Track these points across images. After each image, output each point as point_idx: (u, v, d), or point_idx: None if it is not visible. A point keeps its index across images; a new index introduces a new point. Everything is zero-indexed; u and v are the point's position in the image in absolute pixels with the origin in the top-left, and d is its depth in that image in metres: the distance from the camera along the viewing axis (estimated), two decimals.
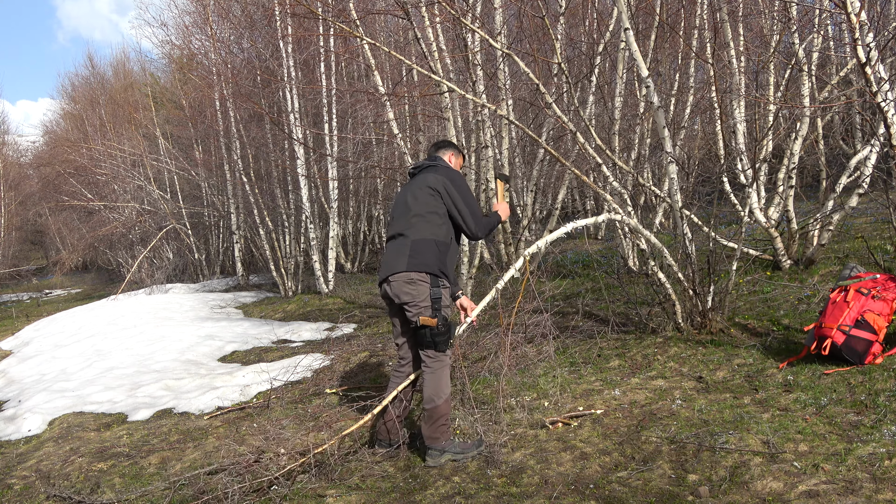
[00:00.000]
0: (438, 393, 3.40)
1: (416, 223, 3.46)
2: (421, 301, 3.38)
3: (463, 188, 3.53)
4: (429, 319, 3.34)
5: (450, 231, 3.52)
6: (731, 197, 6.34)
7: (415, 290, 3.38)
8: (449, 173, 3.56)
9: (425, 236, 3.44)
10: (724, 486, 2.77)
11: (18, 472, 4.03)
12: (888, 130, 3.89)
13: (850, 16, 3.68)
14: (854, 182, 5.60)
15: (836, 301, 3.89)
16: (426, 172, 3.60)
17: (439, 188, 3.48)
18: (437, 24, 7.68)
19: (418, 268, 3.38)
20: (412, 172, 3.73)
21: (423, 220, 3.46)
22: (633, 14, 6.62)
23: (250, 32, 13.20)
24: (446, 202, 3.49)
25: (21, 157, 30.71)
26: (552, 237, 4.24)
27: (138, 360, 6.99)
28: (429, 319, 3.34)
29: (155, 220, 17.58)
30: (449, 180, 3.51)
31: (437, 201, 3.48)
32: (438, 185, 3.49)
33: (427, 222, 3.46)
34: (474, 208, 3.55)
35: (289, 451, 3.47)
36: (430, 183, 3.50)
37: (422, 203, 3.48)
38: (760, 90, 7.73)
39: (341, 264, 13.49)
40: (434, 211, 3.47)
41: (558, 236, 4.26)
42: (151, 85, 22.21)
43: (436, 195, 3.48)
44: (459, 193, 3.51)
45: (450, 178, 3.53)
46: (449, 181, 3.51)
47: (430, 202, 3.48)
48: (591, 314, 5.94)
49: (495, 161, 8.74)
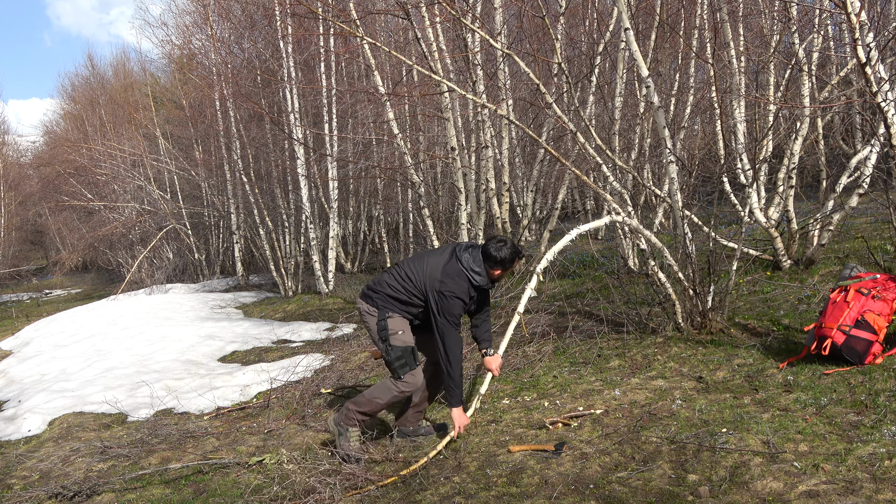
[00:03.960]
0: (373, 400, 3.56)
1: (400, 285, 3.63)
2: (373, 334, 3.61)
3: (447, 306, 3.49)
4: (377, 353, 3.58)
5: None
6: (731, 197, 6.34)
7: (368, 322, 3.64)
8: (447, 286, 3.50)
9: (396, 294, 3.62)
10: (724, 486, 2.77)
11: (18, 472, 4.03)
12: (888, 130, 3.89)
13: (850, 16, 3.68)
14: (854, 182, 5.60)
15: (837, 301, 3.89)
16: (446, 263, 3.57)
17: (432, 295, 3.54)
18: (437, 24, 7.68)
19: (368, 302, 3.65)
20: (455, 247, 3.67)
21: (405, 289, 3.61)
22: (633, 14, 6.62)
23: (250, 32, 13.20)
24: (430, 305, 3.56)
25: (21, 157, 30.72)
26: (558, 246, 4.19)
27: (138, 360, 6.99)
28: (377, 353, 3.58)
29: (155, 220, 17.58)
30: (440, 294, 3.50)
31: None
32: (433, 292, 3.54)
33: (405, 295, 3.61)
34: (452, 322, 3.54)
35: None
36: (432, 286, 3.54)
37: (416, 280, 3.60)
38: (760, 90, 7.73)
39: (341, 264, 13.48)
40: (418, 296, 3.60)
41: (565, 244, 4.23)
42: (151, 85, 22.20)
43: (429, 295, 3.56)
44: (442, 308, 3.50)
45: (442, 291, 3.49)
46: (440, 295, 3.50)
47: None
48: (591, 314, 5.94)
49: (495, 161, 8.75)
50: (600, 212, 11.34)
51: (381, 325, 3.55)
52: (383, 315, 3.56)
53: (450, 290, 3.47)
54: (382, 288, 3.62)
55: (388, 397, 3.54)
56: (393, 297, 3.59)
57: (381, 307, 3.59)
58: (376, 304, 3.61)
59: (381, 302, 3.60)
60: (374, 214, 14.16)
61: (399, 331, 3.54)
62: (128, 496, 3.44)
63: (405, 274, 3.60)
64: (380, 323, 3.56)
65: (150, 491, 3.48)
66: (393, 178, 11.94)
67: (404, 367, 3.47)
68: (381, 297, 3.61)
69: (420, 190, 8.49)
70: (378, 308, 3.59)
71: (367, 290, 3.69)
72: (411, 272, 3.59)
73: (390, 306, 3.58)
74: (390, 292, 3.59)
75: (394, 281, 3.61)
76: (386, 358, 3.53)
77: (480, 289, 3.57)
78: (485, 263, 3.54)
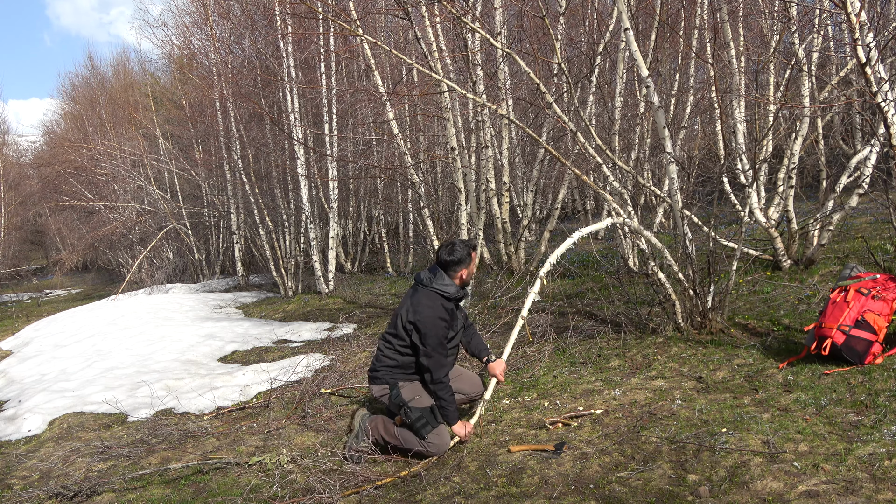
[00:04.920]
0: (401, 437, 3.55)
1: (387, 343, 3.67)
2: (392, 408, 3.62)
3: (429, 332, 3.49)
4: (399, 419, 3.58)
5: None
6: (731, 197, 6.34)
7: (384, 402, 3.66)
8: (420, 313, 3.51)
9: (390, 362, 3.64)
10: (724, 486, 2.77)
11: (18, 472, 4.03)
12: (888, 130, 3.89)
13: (850, 16, 3.68)
14: (854, 182, 5.60)
15: (836, 301, 3.89)
16: (412, 297, 3.62)
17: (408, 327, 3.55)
18: (437, 23, 7.68)
19: (377, 383, 3.66)
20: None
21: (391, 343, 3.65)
22: (633, 14, 6.62)
23: (250, 32, 13.20)
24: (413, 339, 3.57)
25: (21, 157, 30.72)
26: (561, 250, 4.18)
27: (138, 360, 6.99)
28: (399, 419, 3.58)
29: (155, 220, 17.58)
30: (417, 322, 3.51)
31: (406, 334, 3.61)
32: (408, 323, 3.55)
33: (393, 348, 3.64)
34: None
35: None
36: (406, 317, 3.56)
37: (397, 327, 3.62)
38: (760, 90, 7.73)
39: (341, 264, 13.49)
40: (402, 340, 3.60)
41: (567, 248, 4.23)
42: (151, 85, 22.21)
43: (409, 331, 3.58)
44: (424, 338, 3.50)
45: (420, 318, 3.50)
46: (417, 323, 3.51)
47: (401, 333, 3.60)
48: (591, 314, 5.95)
49: (495, 161, 8.75)
50: (600, 212, 11.35)
51: (396, 396, 3.55)
52: (395, 387, 3.58)
53: (425, 315, 3.47)
54: (382, 363, 3.64)
55: (413, 448, 3.51)
56: (396, 367, 3.61)
57: (389, 382, 3.60)
58: (384, 380, 3.62)
59: (387, 376, 3.61)
60: (374, 214, 14.16)
61: (415, 396, 3.54)
62: (128, 496, 3.44)
63: (391, 336, 3.63)
64: (394, 397, 3.56)
65: (150, 491, 3.48)
66: (393, 178, 11.94)
67: (426, 427, 3.45)
68: (385, 372, 3.62)
69: (420, 190, 8.50)
70: (387, 383, 3.60)
71: (371, 373, 3.70)
72: (395, 330, 3.61)
73: (398, 377, 3.60)
74: (391, 363, 3.61)
75: (388, 350, 3.64)
76: (406, 421, 3.50)
77: (455, 299, 3.60)
78: (447, 273, 3.59)
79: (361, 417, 3.73)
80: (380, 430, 3.62)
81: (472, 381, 3.93)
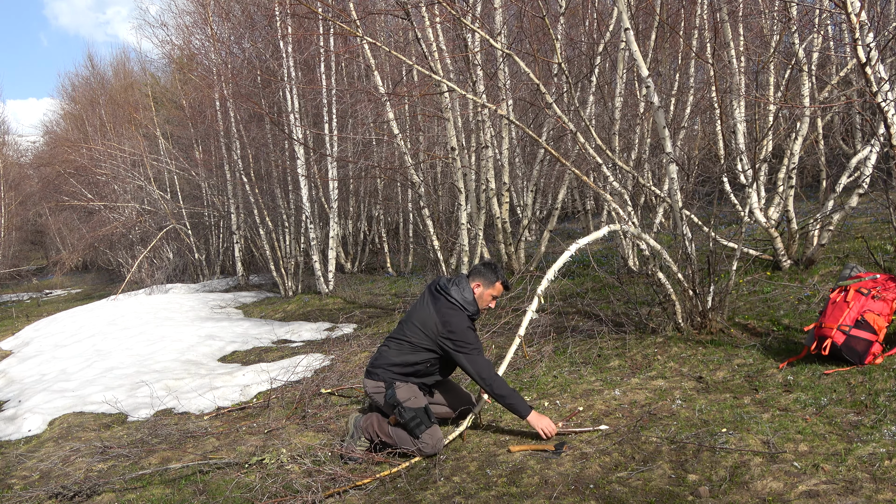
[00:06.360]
0: (395, 436, 3.56)
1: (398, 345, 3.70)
2: (386, 408, 3.64)
3: (463, 340, 3.56)
4: (393, 419, 3.60)
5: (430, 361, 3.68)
6: (731, 197, 6.34)
7: (377, 400, 3.68)
8: (451, 325, 3.58)
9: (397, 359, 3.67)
10: (724, 486, 2.77)
11: (18, 472, 4.03)
12: (888, 130, 3.89)
13: (850, 16, 3.68)
14: (854, 182, 5.60)
15: (836, 301, 3.89)
16: (435, 304, 3.66)
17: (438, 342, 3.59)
18: (437, 24, 7.68)
19: (374, 378, 3.69)
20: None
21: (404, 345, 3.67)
22: (633, 14, 6.62)
23: (250, 32, 13.20)
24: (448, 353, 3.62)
25: (21, 157, 30.73)
26: (558, 265, 4.17)
27: (138, 360, 6.99)
28: (393, 419, 3.60)
29: (155, 220, 17.58)
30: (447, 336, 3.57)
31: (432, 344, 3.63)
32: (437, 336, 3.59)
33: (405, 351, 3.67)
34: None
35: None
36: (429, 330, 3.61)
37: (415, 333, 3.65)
38: (760, 90, 7.73)
39: (341, 264, 13.49)
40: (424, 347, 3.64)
41: (565, 261, 4.23)
42: (151, 85, 22.20)
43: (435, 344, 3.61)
44: (459, 348, 3.56)
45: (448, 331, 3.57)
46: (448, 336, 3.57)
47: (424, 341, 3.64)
48: (591, 314, 5.94)
49: (495, 161, 8.75)
50: (600, 212, 11.34)
51: (391, 396, 3.56)
52: (391, 386, 3.60)
53: (457, 326, 3.56)
54: (384, 360, 3.66)
55: (407, 448, 3.53)
56: (398, 365, 3.63)
57: (386, 380, 3.62)
58: (381, 378, 3.64)
59: (385, 375, 3.63)
60: (374, 214, 14.16)
61: (410, 397, 3.56)
62: (128, 496, 3.44)
63: (399, 338, 3.67)
64: (388, 396, 3.57)
65: (150, 491, 3.48)
66: (393, 178, 11.94)
67: (420, 427, 3.47)
68: (384, 370, 3.64)
69: (420, 190, 8.50)
70: (384, 381, 3.63)
71: (370, 368, 3.72)
72: (410, 332, 3.64)
73: (397, 377, 3.62)
74: (392, 362, 3.64)
75: (393, 346, 3.67)
76: (400, 421, 3.52)
77: (473, 317, 3.69)
78: (471, 277, 3.72)
79: (354, 418, 3.76)
80: (374, 428, 3.63)
81: (461, 395, 3.95)
